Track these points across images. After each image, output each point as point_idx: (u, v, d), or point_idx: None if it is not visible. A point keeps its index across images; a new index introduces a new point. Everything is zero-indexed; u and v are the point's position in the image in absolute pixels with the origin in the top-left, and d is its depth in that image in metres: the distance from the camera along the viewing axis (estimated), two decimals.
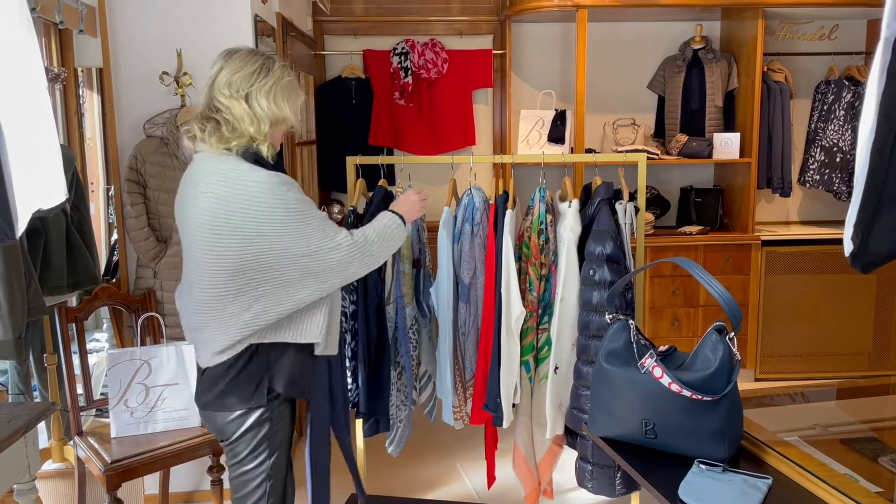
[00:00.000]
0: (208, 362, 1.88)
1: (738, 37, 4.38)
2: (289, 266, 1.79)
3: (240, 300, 1.80)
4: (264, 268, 1.78)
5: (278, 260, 1.78)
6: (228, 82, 1.83)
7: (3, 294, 2.23)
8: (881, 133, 1.07)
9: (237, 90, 1.83)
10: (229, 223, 1.76)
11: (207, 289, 1.82)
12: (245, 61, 1.85)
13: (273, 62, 1.89)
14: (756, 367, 4.30)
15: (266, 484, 1.92)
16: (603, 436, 1.70)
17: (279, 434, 1.92)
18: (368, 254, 1.90)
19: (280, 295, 1.81)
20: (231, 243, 1.77)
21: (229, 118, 1.82)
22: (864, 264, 1.17)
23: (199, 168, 1.86)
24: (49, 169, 1.44)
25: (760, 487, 1.42)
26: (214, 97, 1.85)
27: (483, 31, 4.67)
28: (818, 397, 2.49)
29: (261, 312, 1.80)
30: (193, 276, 1.87)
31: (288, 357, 1.88)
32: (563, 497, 2.99)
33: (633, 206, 2.51)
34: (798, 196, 4.75)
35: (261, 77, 1.85)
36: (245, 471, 1.92)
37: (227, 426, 1.89)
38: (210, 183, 1.80)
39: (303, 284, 1.82)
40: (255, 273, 1.78)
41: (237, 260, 1.77)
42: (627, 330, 1.67)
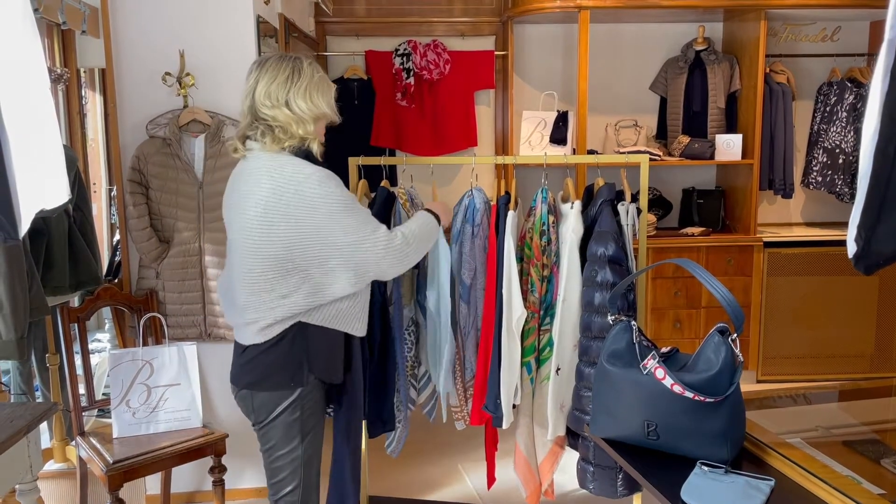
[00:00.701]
0: (251, 340, 1.99)
1: (741, 38, 4.38)
2: (332, 255, 1.93)
3: (285, 283, 1.92)
4: (310, 255, 1.92)
5: (322, 248, 1.92)
6: (267, 93, 1.95)
7: (6, 294, 2.23)
8: (884, 135, 1.07)
9: (277, 99, 1.95)
10: (282, 211, 1.88)
11: (256, 273, 1.94)
12: (277, 69, 1.96)
13: (301, 63, 2.00)
14: (758, 368, 4.30)
15: (300, 471, 2.02)
16: (605, 437, 1.70)
17: (311, 420, 2.02)
18: (404, 251, 2.02)
19: (322, 281, 1.94)
20: (283, 230, 1.89)
21: (277, 125, 1.95)
22: (867, 266, 1.17)
23: (254, 164, 1.97)
24: (52, 169, 1.44)
25: (763, 489, 1.41)
26: (258, 109, 1.97)
27: (485, 32, 4.68)
28: (820, 399, 2.49)
29: (304, 297, 1.93)
30: (239, 265, 1.98)
31: (325, 341, 2.00)
32: (565, 498, 2.99)
33: (635, 208, 2.51)
34: (800, 198, 4.74)
35: (295, 81, 1.96)
36: (279, 455, 2.01)
37: (261, 408, 1.99)
38: (266, 176, 1.92)
39: (342, 274, 1.95)
40: (301, 259, 1.91)
41: (287, 246, 1.90)
42: (630, 331, 1.67)
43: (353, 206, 1.95)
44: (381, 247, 1.97)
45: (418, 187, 2.76)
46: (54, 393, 2.92)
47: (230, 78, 2.83)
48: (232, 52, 2.85)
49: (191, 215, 2.78)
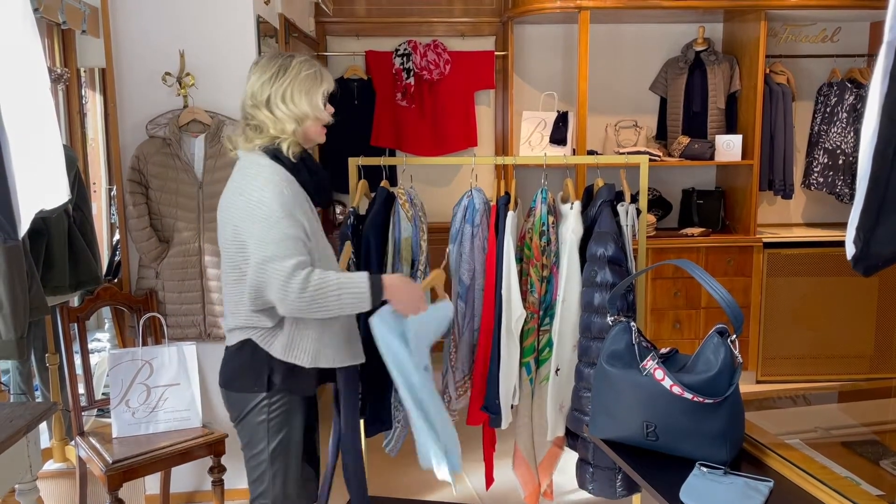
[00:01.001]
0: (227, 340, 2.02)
1: (741, 39, 4.38)
2: (251, 267, 1.83)
3: (237, 289, 1.91)
4: (246, 261, 1.85)
5: (247, 258, 1.85)
6: (252, 93, 1.95)
7: (6, 294, 2.23)
8: (883, 136, 1.07)
9: (258, 99, 1.93)
10: (232, 212, 1.88)
11: (224, 274, 1.96)
12: (264, 68, 1.95)
13: (290, 61, 1.96)
14: (757, 369, 4.30)
15: (269, 471, 1.99)
16: (604, 438, 1.70)
17: (279, 424, 1.97)
18: (302, 297, 1.79)
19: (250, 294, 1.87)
20: (230, 231, 1.88)
21: (255, 124, 1.94)
22: (866, 267, 1.17)
23: (237, 163, 1.99)
24: (52, 170, 1.44)
25: (762, 490, 1.41)
26: (244, 107, 1.97)
27: (485, 32, 4.68)
28: (820, 400, 2.49)
29: (247, 307, 1.90)
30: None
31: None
32: (564, 499, 2.99)
33: (634, 208, 2.51)
34: (800, 198, 4.74)
35: (277, 81, 1.92)
36: (250, 456, 2.02)
37: (233, 406, 2.01)
38: (234, 175, 1.94)
39: (261, 292, 1.85)
40: (245, 265, 1.86)
41: (237, 249, 1.87)
42: (629, 332, 1.67)
43: (281, 221, 1.80)
44: (282, 278, 1.77)
45: (418, 188, 2.76)
46: (54, 393, 2.92)
47: (230, 78, 2.83)
48: (232, 52, 2.85)
49: (190, 215, 2.78)
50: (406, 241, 2.59)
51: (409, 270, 2.64)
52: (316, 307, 1.81)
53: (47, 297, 2.56)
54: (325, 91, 1.97)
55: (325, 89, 1.97)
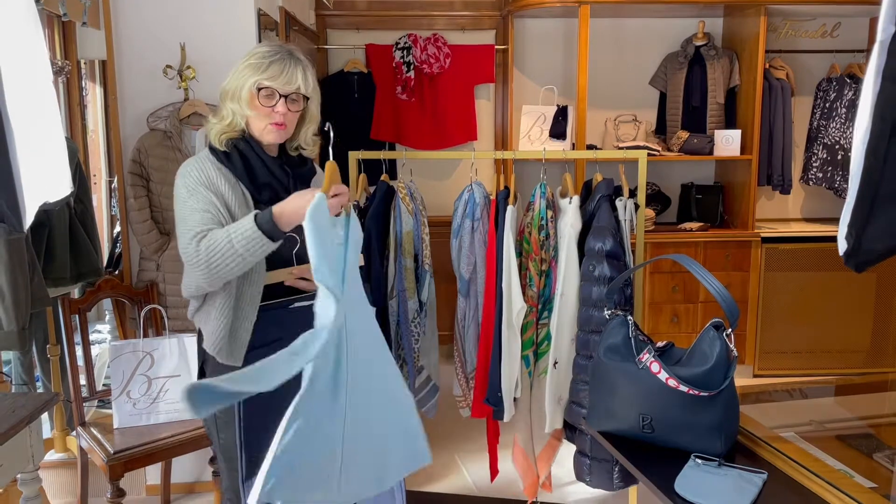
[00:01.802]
0: None
1: (741, 34, 4.38)
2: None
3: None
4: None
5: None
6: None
7: (8, 285, 2.24)
8: (875, 134, 1.08)
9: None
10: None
11: None
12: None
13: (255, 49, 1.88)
14: (755, 363, 4.32)
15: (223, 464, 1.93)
16: (601, 430, 1.72)
17: (223, 413, 1.86)
18: (196, 259, 1.74)
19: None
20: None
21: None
22: (857, 263, 1.19)
23: None
24: (55, 163, 1.46)
25: (755, 482, 1.43)
26: None
27: (485, 26, 4.68)
28: (816, 393, 2.51)
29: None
30: None
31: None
32: (562, 491, 3.01)
33: (633, 203, 2.52)
34: (798, 193, 4.76)
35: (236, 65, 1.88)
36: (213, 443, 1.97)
37: None
38: None
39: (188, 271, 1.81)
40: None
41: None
42: (626, 326, 1.69)
43: (186, 200, 1.79)
44: (184, 251, 1.77)
45: (418, 181, 2.77)
46: (55, 383, 2.94)
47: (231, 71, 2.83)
48: (233, 45, 2.86)
49: None
50: (408, 234, 2.60)
51: (412, 263, 2.65)
52: (216, 266, 1.71)
53: (48, 289, 2.57)
54: (253, 83, 1.81)
55: (255, 81, 1.81)
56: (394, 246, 2.59)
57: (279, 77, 1.81)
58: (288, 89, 1.83)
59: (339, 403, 1.55)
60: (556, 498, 2.96)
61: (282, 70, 1.82)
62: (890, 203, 1.10)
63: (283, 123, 1.85)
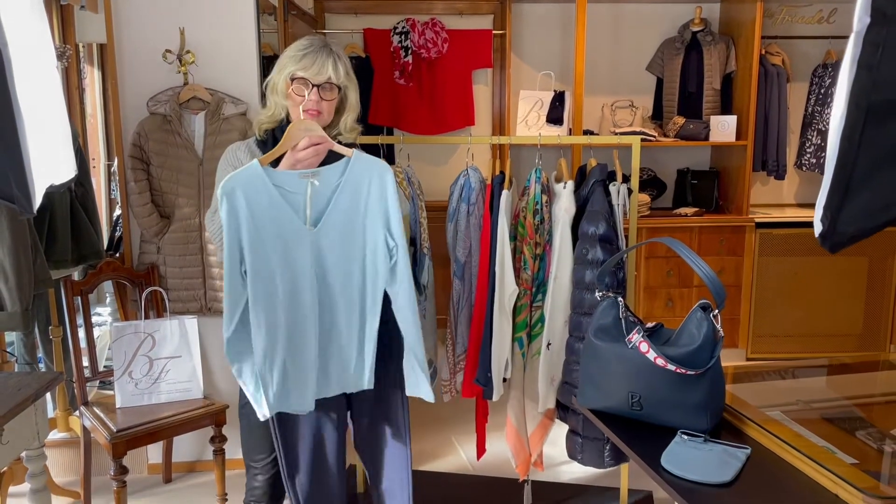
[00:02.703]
0: None
1: (737, 19, 4.40)
2: None
3: None
4: None
5: None
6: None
7: (11, 267, 2.29)
8: (850, 121, 1.12)
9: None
10: None
11: None
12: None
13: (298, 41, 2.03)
14: (748, 346, 4.38)
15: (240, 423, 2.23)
16: (591, 408, 1.76)
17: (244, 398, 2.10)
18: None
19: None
20: None
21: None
22: (832, 244, 1.23)
23: None
24: (59, 146, 1.49)
25: (739, 457, 1.48)
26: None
27: (483, 11, 4.69)
28: (805, 374, 2.55)
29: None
30: None
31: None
32: (555, 470, 3.07)
33: (626, 188, 2.56)
34: (793, 179, 4.80)
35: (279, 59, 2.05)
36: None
37: None
38: None
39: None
40: None
41: None
42: (616, 307, 1.73)
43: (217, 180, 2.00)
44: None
45: (415, 166, 2.80)
46: (57, 364, 2.99)
47: (230, 55, 2.86)
48: (231, 30, 2.88)
49: (191, 191, 2.83)
50: (405, 218, 2.64)
51: (410, 248, 2.69)
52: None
53: (50, 271, 2.62)
54: (288, 73, 1.98)
55: (289, 72, 1.97)
56: None
57: (311, 67, 1.96)
58: (319, 79, 1.97)
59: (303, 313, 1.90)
60: (549, 476, 3.03)
61: (314, 61, 1.96)
62: (863, 187, 1.15)
63: (318, 111, 1.98)
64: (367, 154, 1.95)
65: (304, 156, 1.87)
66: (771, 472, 1.47)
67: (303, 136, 1.87)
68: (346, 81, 2.03)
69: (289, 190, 1.85)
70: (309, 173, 1.86)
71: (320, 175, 1.86)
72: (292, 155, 1.88)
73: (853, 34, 1.14)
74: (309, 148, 1.87)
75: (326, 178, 1.88)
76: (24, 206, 1.34)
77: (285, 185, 1.85)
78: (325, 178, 1.87)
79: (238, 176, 1.84)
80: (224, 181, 1.83)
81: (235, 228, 1.83)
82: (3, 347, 2.87)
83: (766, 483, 1.43)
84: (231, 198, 1.82)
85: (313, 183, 1.85)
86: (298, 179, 1.85)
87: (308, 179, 1.85)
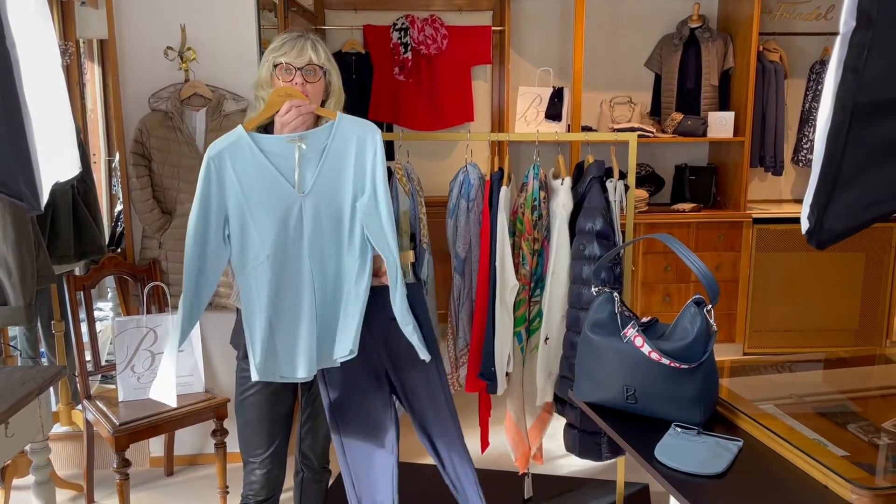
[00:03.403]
0: None
1: (735, 16, 4.42)
2: None
3: None
4: None
5: None
6: None
7: (15, 262, 2.31)
8: (836, 121, 1.15)
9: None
10: None
11: None
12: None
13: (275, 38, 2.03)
14: (745, 341, 4.41)
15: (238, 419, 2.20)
16: (587, 401, 1.79)
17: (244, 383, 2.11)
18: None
19: None
20: None
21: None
22: (819, 241, 1.26)
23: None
24: (65, 143, 1.52)
25: (731, 449, 1.51)
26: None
27: (482, 7, 4.71)
28: (800, 368, 2.57)
29: None
30: None
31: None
32: (553, 463, 3.10)
33: (622, 184, 2.59)
34: (790, 175, 4.82)
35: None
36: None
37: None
38: None
39: None
40: None
41: None
42: (612, 302, 1.76)
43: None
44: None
45: (415, 162, 2.83)
46: (59, 358, 3.02)
47: (231, 52, 2.88)
48: (232, 27, 2.90)
49: (192, 187, 2.83)
50: (404, 214, 2.66)
51: (410, 243, 2.71)
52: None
53: (53, 266, 2.64)
54: (270, 61, 1.98)
55: (271, 59, 1.98)
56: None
57: (291, 52, 1.97)
58: (301, 62, 1.96)
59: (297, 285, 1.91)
60: (547, 470, 3.06)
61: (293, 46, 1.97)
62: (849, 186, 1.18)
63: (305, 94, 1.97)
64: (351, 116, 1.95)
65: (287, 118, 1.88)
66: (762, 464, 1.50)
67: (283, 102, 1.89)
68: (328, 65, 2.03)
69: (276, 154, 1.86)
70: (296, 137, 1.87)
71: (307, 138, 1.87)
72: (277, 120, 1.92)
73: (839, 36, 1.16)
74: (292, 110, 1.88)
75: (313, 141, 1.88)
76: (31, 204, 1.36)
77: (272, 150, 1.86)
78: (311, 142, 1.88)
79: (223, 140, 1.86)
80: (210, 146, 1.84)
81: (219, 192, 1.85)
82: (7, 342, 2.89)
83: (758, 474, 1.46)
84: (217, 160, 1.83)
85: (300, 147, 1.85)
86: (285, 144, 1.86)
87: (295, 143, 1.86)
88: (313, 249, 1.91)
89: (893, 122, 1.19)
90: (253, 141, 1.85)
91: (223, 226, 1.88)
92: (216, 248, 1.88)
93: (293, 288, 1.92)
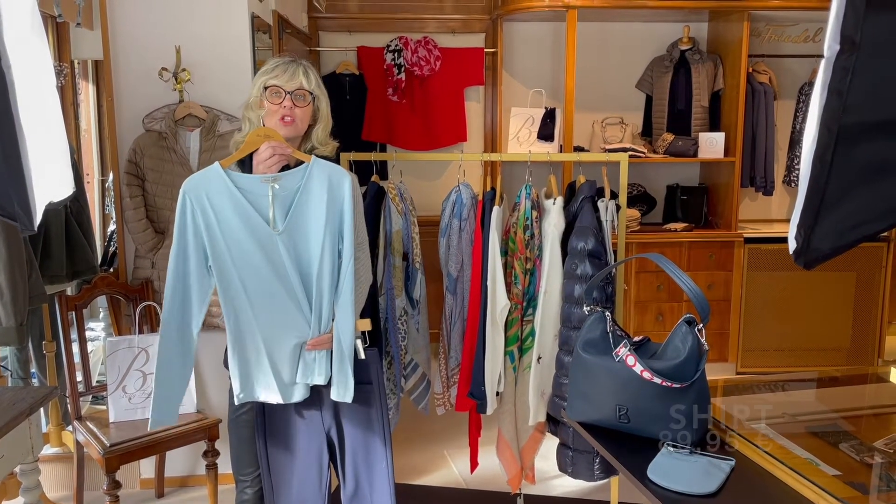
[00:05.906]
0: None
1: (725, 38, 4.48)
2: None
3: None
4: None
5: None
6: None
7: (6, 282, 2.31)
8: (822, 143, 1.17)
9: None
10: None
11: None
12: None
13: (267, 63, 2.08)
14: (737, 361, 4.41)
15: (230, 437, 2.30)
16: (580, 420, 1.79)
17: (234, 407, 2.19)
18: None
19: None
20: None
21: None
22: (806, 261, 1.28)
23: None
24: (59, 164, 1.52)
25: (723, 468, 1.51)
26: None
27: (475, 29, 4.76)
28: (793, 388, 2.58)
29: None
30: None
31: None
32: (546, 483, 3.09)
33: (614, 204, 2.61)
34: (781, 195, 4.86)
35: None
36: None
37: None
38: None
39: None
40: None
41: None
42: (604, 321, 1.76)
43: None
44: None
45: (408, 181, 2.84)
46: (50, 379, 2.99)
47: (225, 73, 2.90)
48: (227, 48, 2.92)
49: None
50: (397, 233, 2.68)
51: (401, 262, 2.72)
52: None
53: (45, 286, 2.63)
54: (261, 83, 2.03)
55: (262, 81, 2.03)
56: (383, 245, 2.66)
57: (283, 75, 2.02)
58: (292, 86, 2.01)
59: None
60: (540, 490, 3.05)
61: (285, 70, 2.03)
62: (835, 207, 1.20)
63: (292, 118, 2.02)
64: (325, 160, 2.01)
65: (264, 157, 1.94)
66: (755, 483, 1.50)
67: (262, 142, 1.95)
68: (318, 91, 2.08)
69: (251, 192, 1.93)
70: (270, 178, 1.93)
71: (281, 179, 1.94)
72: (255, 158, 1.97)
73: (823, 60, 1.19)
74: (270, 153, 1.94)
75: (287, 182, 1.95)
76: (25, 224, 1.37)
77: (247, 188, 1.93)
78: (285, 183, 1.94)
79: (199, 175, 1.93)
80: (186, 180, 1.92)
81: (194, 224, 1.93)
82: None
83: (750, 494, 1.46)
84: (193, 195, 1.92)
85: (273, 186, 1.92)
86: (260, 183, 1.93)
87: (269, 183, 1.93)
88: (286, 284, 1.98)
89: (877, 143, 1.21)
90: (229, 178, 1.92)
91: (203, 257, 1.96)
92: (199, 277, 1.97)
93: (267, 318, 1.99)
